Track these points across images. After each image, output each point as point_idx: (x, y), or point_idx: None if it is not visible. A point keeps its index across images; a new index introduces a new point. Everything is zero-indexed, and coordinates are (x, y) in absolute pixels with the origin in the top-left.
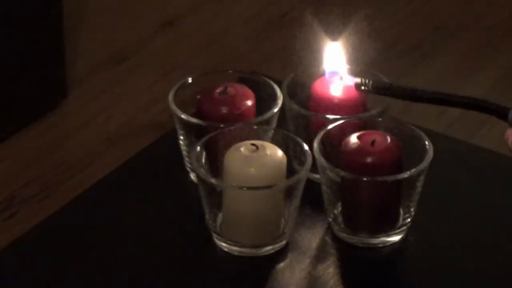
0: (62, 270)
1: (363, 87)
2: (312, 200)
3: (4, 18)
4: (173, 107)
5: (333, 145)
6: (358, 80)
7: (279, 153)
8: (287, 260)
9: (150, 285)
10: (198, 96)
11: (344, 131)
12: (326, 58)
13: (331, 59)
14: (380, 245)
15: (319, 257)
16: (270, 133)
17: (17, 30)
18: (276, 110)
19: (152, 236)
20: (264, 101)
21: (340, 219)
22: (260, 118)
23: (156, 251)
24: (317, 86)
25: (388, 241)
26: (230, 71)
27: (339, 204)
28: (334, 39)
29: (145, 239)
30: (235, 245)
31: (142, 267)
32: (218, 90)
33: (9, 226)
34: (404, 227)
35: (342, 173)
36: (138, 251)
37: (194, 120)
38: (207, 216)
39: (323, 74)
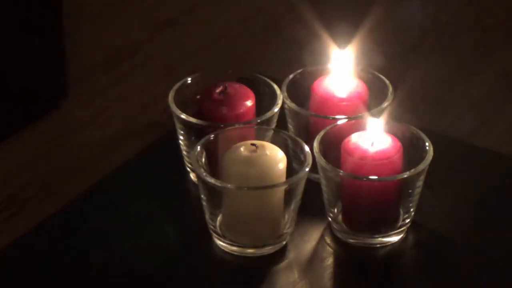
0: (62, 270)
1: None
2: (312, 200)
3: (4, 18)
4: (173, 107)
5: (333, 145)
6: None
7: (279, 153)
8: (287, 260)
9: (150, 285)
10: (198, 96)
11: (344, 131)
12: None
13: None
14: (380, 245)
15: (318, 257)
16: (270, 133)
17: (17, 30)
18: (276, 110)
19: (152, 236)
20: (264, 101)
21: (340, 219)
22: (260, 118)
23: (156, 251)
24: (317, 86)
25: (388, 241)
26: (230, 71)
27: (339, 204)
28: (334, 39)
29: (145, 238)
30: (235, 245)
31: (142, 267)
32: (218, 90)
33: (9, 226)
34: (404, 227)
35: (342, 173)
36: (138, 251)
37: (194, 120)
38: (207, 216)
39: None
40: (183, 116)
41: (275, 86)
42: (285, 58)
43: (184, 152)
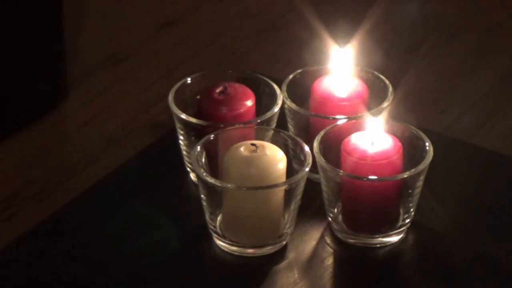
0: (62, 270)
1: None
2: (312, 200)
3: (5, 18)
4: (173, 107)
5: (333, 145)
6: None
7: (279, 153)
8: (287, 260)
9: (150, 285)
10: (198, 96)
11: (344, 131)
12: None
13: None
14: (380, 245)
15: (318, 257)
16: (270, 133)
17: (18, 30)
18: (276, 110)
19: (152, 236)
20: (264, 101)
21: (340, 219)
22: (260, 118)
23: (156, 251)
24: (317, 86)
25: (388, 241)
26: (230, 71)
27: (339, 204)
28: (334, 39)
29: (145, 238)
30: (235, 245)
31: (142, 267)
32: (218, 90)
33: (9, 226)
34: (404, 227)
35: (342, 173)
36: (138, 251)
37: (194, 120)
38: (207, 216)
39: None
40: (183, 116)
41: (275, 86)
42: (285, 58)
43: (184, 152)
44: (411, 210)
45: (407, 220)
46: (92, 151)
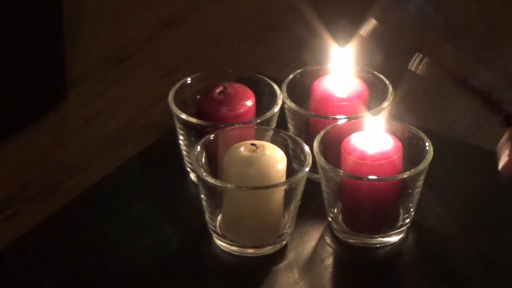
0: (62, 270)
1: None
2: (312, 200)
3: (5, 19)
4: (173, 107)
5: (333, 145)
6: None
7: (279, 153)
8: (287, 260)
9: (150, 285)
10: (198, 96)
11: (344, 131)
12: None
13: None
14: (380, 245)
15: (318, 257)
16: (270, 133)
17: (18, 30)
18: (276, 110)
19: (152, 236)
20: (264, 101)
21: (340, 219)
22: (260, 118)
23: (156, 251)
24: (317, 86)
25: (388, 241)
26: (230, 71)
27: (339, 204)
28: (334, 39)
29: (144, 239)
30: (235, 245)
31: (142, 267)
32: (218, 90)
33: (9, 226)
34: (404, 227)
35: (342, 173)
36: (138, 251)
37: (194, 120)
38: (207, 216)
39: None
40: (183, 116)
41: (275, 86)
42: (285, 58)
43: (184, 152)
44: (411, 210)
45: (407, 220)
46: (91, 151)
